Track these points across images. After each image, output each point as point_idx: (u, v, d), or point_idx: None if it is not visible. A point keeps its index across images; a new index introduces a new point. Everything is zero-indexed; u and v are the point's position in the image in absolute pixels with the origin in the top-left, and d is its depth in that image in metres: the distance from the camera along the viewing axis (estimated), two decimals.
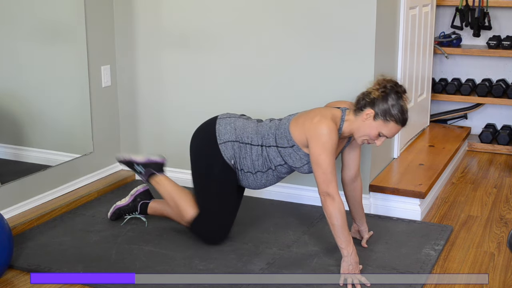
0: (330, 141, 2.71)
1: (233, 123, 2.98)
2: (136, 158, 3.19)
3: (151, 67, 3.86)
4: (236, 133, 2.95)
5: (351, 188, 3.02)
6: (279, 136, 2.88)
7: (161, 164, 3.20)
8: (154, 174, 3.15)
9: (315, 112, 2.82)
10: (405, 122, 2.74)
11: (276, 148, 2.88)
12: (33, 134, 3.68)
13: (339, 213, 2.69)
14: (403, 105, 2.72)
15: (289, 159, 2.87)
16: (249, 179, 2.97)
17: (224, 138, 2.94)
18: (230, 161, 2.94)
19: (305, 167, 2.87)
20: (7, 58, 3.47)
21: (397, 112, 2.69)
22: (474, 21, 4.67)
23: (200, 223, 3.03)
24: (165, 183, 3.14)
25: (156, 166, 3.18)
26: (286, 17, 3.48)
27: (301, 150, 2.83)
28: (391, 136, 2.77)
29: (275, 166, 2.92)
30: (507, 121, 4.88)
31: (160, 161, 3.19)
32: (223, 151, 2.94)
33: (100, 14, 3.77)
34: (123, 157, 3.24)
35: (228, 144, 2.94)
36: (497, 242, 3.18)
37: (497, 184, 4.04)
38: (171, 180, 3.17)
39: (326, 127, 2.71)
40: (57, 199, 3.53)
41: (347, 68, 3.38)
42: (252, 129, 2.95)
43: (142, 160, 3.17)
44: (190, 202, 3.06)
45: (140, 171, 3.18)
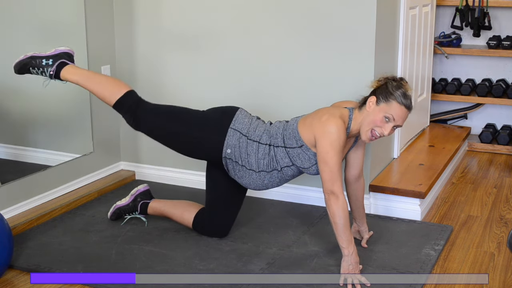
0: (338, 139, 2.70)
1: (250, 119, 2.98)
2: (43, 53, 2.98)
3: (151, 67, 3.86)
4: (248, 128, 2.94)
5: (354, 188, 3.02)
6: (287, 137, 2.87)
7: (71, 54, 3.04)
8: (66, 63, 2.98)
9: (323, 112, 2.82)
10: (409, 105, 2.72)
11: (284, 148, 2.88)
12: (33, 134, 3.68)
13: (342, 212, 2.69)
14: (404, 89, 2.73)
15: (297, 159, 2.86)
16: (251, 176, 2.95)
17: (237, 127, 2.93)
18: (226, 148, 2.92)
19: (314, 167, 2.86)
20: (7, 58, 3.47)
21: (398, 93, 2.70)
22: (474, 21, 4.67)
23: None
24: (80, 69, 3.00)
25: (67, 56, 3.01)
26: (286, 17, 3.48)
27: (310, 150, 2.82)
28: (398, 121, 2.71)
29: (281, 167, 2.91)
30: (507, 121, 4.88)
31: (69, 51, 3.03)
32: (229, 135, 2.92)
33: (100, 14, 3.77)
34: (24, 55, 2.97)
35: (236, 134, 2.92)
36: (497, 242, 3.18)
37: (497, 184, 4.04)
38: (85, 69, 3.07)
39: (334, 126, 2.71)
40: (57, 199, 3.53)
41: (347, 68, 3.38)
42: (263, 129, 2.95)
43: (50, 53, 2.98)
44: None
45: (48, 63, 2.96)
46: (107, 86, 2.99)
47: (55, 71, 2.96)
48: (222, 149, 2.92)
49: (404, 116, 2.73)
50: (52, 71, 2.95)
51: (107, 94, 2.98)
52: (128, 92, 2.99)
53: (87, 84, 2.99)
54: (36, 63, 2.95)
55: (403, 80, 2.78)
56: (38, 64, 2.94)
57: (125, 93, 2.98)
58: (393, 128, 2.73)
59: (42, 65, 2.94)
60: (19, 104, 3.59)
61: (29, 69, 2.98)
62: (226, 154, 2.92)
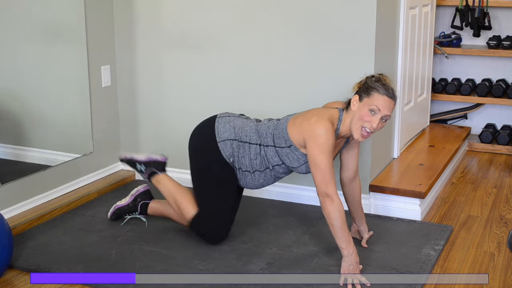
0: (327, 141, 2.71)
1: (232, 122, 2.99)
2: (138, 157, 3.18)
3: (151, 67, 3.86)
4: (235, 131, 2.95)
5: (350, 189, 3.02)
6: (276, 136, 2.88)
7: (162, 162, 3.19)
8: (156, 173, 3.15)
9: (313, 113, 2.83)
10: (390, 94, 2.72)
11: (274, 148, 2.89)
12: (33, 134, 3.68)
13: (338, 213, 2.69)
14: (384, 82, 2.75)
15: (286, 159, 2.87)
16: (247, 178, 2.97)
17: (223, 137, 2.95)
18: (229, 159, 2.95)
19: (303, 167, 2.87)
20: (7, 58, 3.47)
21: (378, 84, 2.72)
22: (474, 21, 4.67)
23: (200, 222, 3.03)
24: (166, 182, 3.14)
25: (158, 165, 3.17)
26: (286, 17, 3.48)
27: (298, 150, 2.83)
28: (384, 110, 2.69)
29: (272, 166, 2.93)
30: (507, 121, 4.88)
31: (161, 159, 3.19)
32: (222, 149, 2.94)
33: (100, 14, 3.77)
34: (125, 155, 3.23)
35: (227, 143, 2.94)
36: (497, 242, 3.18)
37: (497, 184, 4.04)
38: (172, 179, 3.17)
39: (323, 128, 2.71)
40: (57, 199, 3.53)
41: (347, 68, 3.38)
42: (251, 128, 2.96)
43: (143, 159, 3.17)
44: (191, 202, 3.06)
45: (142, 169, 3.18)
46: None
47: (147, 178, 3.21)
48: (230, 163, 2.95)
49: (388, 105, 2.72)
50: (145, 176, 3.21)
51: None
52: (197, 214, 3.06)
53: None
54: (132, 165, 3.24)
55: (382, 75, 2.80)
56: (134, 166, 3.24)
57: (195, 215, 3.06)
58: (381, 120, 2.72)
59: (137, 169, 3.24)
60: (19, 104, 3.59)
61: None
62: (231, 164, 2.95)
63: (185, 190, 3.12)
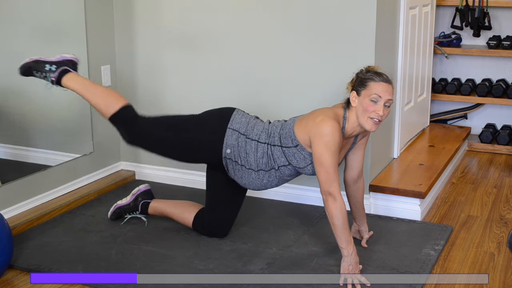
0: (333, 140, 2.71)
1: (247, 118, 2.99)
2: (48, 58, 3.02)
3: (151, 67, 3.86)
4: (247, 128, 2.94)
5: (354, 189, 3.02)
6: (283, 136, 2.88)
7: (75, 62, 3.07)
8: (68, 70, 3.01)
9: (318, 112, 2.83)
10: (385, 78, 2.76)
11: (281, 147, 2.88)
12: (33, 134, 3.68)
13: (340, 213, 2.69)
14: (373, 70, 2.79)
15: (293, 159, 2.87)
16: (250, 176, 2.96)
17: (235, 126, 2.94)
18: (226, 148, 2.93)
19: (309, 167, 2.86)
20: (7, 58, 3.47)
21: (370, 73, 2.76)
22: (474, 21, 4.67)
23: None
24: (81, 78, 3.03)
25: (72, 64, 3.05)
26: (286, 17, 3.48)
27: (305, 150, 2.83)
28: (385, 96, 2.71)
29: (278, 167, 2.92)
30: (507, 121, 4.88)
31: (74, 59, 3.06)
32: (227, 135, 2.93)
33: (100, 14, 3.77)
34: (30, 58, 3.00)
35: (235, 133, 2.93)
36: (497, 242, 3.18)
37: (497, 184, 4.04)
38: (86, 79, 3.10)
39: (329, 127, 2.72)
40: (57, 199, 3.53)
41: (347, 68, 3.36)
42: (262, 128, 2.95)
43: (55, 59, 3.02)
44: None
45: (51, 69, 2.99)
46: (105, 98, 2.99)
47: (56, 78, 2.97)
48: (222, 150, 2.92)
49: (387, 90, 2.74)
50: (54, 77, 2.97)
51: (103, 106, 2.98)
52: (125, 106, 2.98)
53: (85, 93, 3.00)
54: (40, 67, 2.97)
55: (370, 66, 2.84)
56: (41, 69, 2.96)
57: (122, 107, 2.97)
58: (385, 106, 2.74)
59: (45, 70, 2.96)
60: (19, 104, 3.59)
61: (33, 73, 3.00)
62: (226, 154, 2.92)
63: (100, 87, 3.06)
